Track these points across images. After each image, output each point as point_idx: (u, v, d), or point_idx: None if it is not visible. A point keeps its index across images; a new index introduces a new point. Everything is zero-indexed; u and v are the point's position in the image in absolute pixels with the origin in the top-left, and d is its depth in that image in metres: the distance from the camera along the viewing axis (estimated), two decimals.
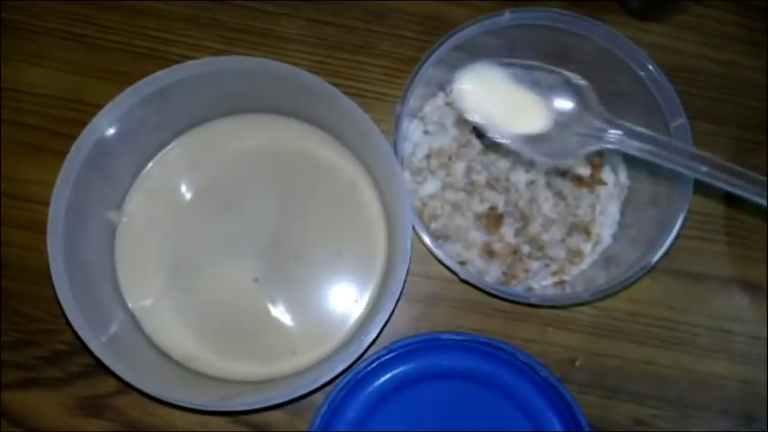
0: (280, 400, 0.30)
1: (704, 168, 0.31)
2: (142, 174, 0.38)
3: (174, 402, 0.30)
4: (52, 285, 0.31)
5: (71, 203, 0.33)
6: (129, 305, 0.37)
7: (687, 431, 0.40)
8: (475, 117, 0.32)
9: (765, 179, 0.29)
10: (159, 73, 0.33)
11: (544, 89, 0.33)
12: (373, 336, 0.31)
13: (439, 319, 0.41)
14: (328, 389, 0.36)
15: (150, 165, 0.38)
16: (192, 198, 0.38)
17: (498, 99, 0.32)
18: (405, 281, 0.32)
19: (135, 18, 0.43)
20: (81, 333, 0.30)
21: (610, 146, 0.32)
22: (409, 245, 0.32)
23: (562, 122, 0.32)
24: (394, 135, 0.36)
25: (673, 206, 0.37)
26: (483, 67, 0.32)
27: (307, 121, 0.39)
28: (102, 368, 0.32)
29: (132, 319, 0.36)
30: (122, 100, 0.33)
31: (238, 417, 0.38)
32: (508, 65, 0.33)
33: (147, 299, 0.37)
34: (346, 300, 0.38)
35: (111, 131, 0.33)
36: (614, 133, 0.32)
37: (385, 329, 0.40)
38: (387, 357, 0.37)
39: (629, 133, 0.31)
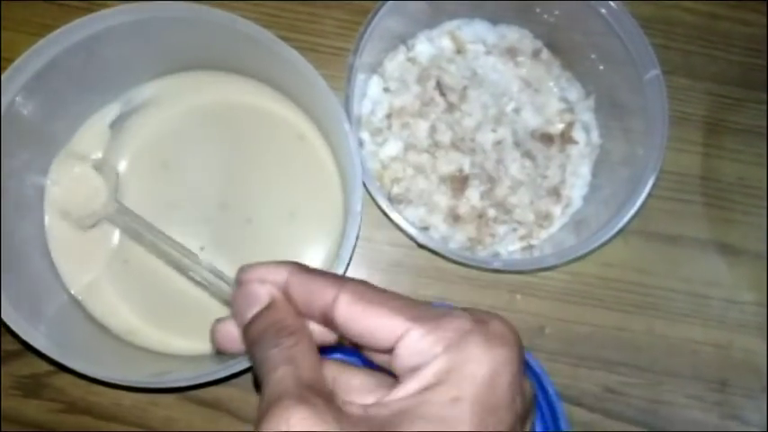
0: (218, 376, 0.28)
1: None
2: (75, 137, 0.35)
3: (103, 380, 0.28)
4: None
5: None
6: (63, 278, 0.34)
7: (658, 398, 0.39)
8: None
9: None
10: (80, 20, 0.29)
11: None
12: None
13: (402, 288, 0.39)
14: None
15: (83, 128, 0.35)
16: (130, 162, 0.36)
17: None
18: (356, 245, 0.30)
19: None
20: None
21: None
22: (359, 208, 0.30)
23: None
24: (347, 89, 0.34)
25: (645, 165, 0.35)
26: None
27: (250, 76, 0.36)
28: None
29: (67, 292, 0.34)
30: (40, 50, 0.29)
31: (188, 393, 0.36)
32: None
33: (84, 270, 0.34)
34: None
35: (34, 86, 0.30)
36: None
37: None
38: None
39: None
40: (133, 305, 0.34)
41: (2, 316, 0.28)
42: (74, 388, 0.36)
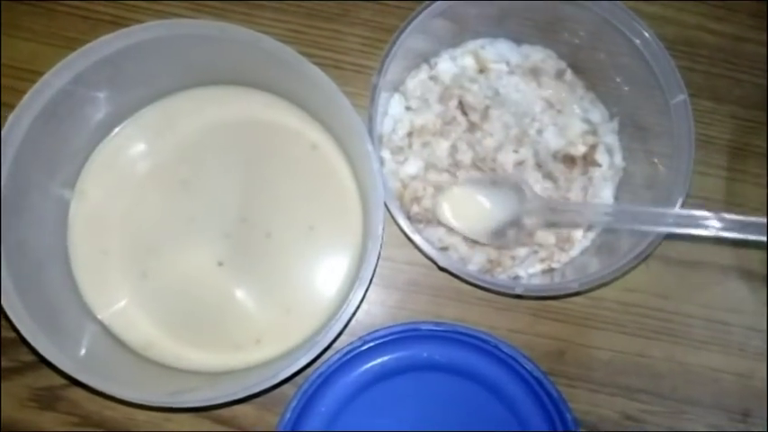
0: (235, 397, 0.28)
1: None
2: (97, 150, 0.35)
3: (120, 397, 0.28)
4: None
5: (13, 177, 0.30)
6: (82, 290, 0.34)
7: (679, 427, 0.38)
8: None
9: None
10: (108, 36, 0.30)
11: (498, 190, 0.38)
12: (339, 327, 0.28)
13: (419, 308, 0.38)
14: (300, 381, 0.34)
15: (106, 141, 0.35)
16: (150, 176, 0.36)
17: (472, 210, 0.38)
18: (376, 266, 0.29)
19: None
20: (13, 318, 0.28)
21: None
22: (381, 229, 0.29)
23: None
24: (370, 109, 0.34)
25: (670, 189, 0.35)
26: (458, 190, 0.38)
27: (272, 92, 0.36)
28: None
29: (84, 305, 0.34)
30: (68, 65, 0.30)
31: (203, 410, 0.36)
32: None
33: (102, 284, 0.34)
34: (319, 283, 0.35)
35: (60, 100, 0.30)
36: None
37: (361, 319, 0.38)
38: (362, 349, 0.35)
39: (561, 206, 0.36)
40: (151, 319, 0.34)
41: (20, 328, 0.28)
42: (89, 402, 0.36)
